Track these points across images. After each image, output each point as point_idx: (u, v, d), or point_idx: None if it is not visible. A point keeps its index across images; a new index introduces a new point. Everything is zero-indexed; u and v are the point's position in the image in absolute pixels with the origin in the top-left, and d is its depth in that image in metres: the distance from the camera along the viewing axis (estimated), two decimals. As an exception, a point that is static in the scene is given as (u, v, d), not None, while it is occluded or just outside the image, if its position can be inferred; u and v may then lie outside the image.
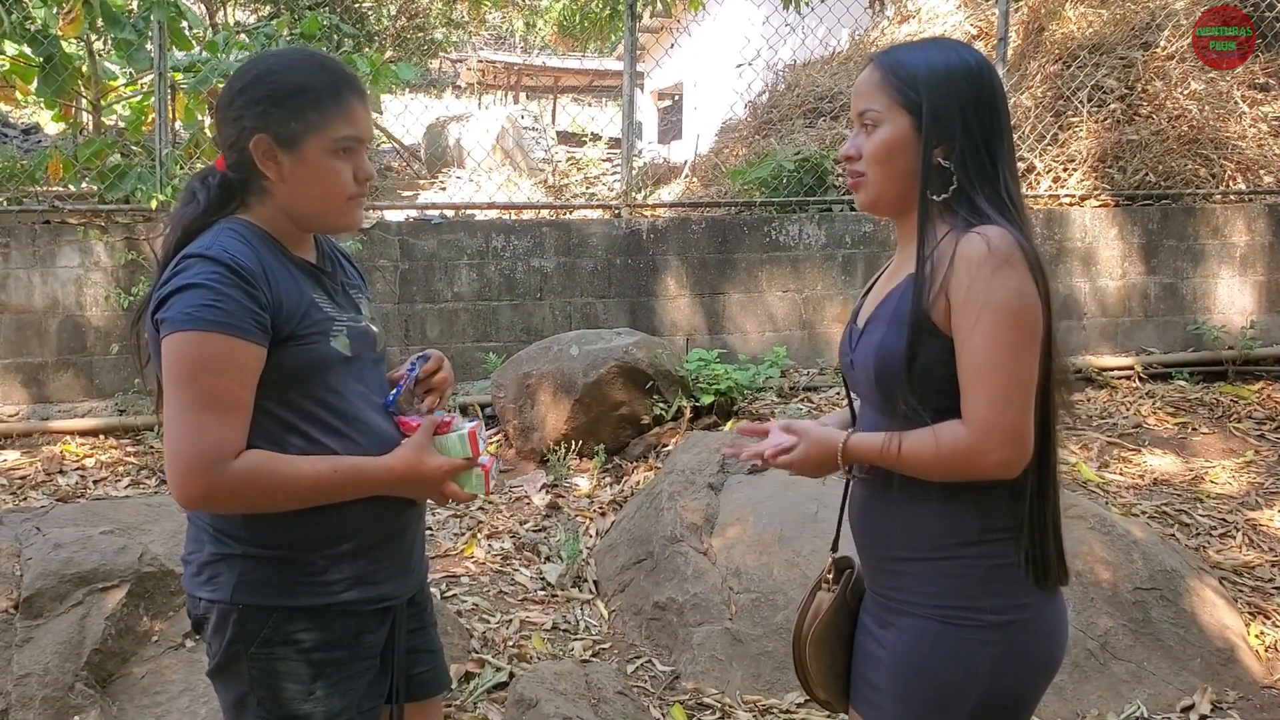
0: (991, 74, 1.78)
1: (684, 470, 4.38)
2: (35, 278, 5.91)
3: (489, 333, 6.50)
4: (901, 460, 1.71)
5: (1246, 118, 7.79)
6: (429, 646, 2.07)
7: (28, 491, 4.99)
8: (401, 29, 15.04)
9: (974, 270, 1.64)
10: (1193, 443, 5.74)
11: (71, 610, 3.13)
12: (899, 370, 1.72)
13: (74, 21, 6.22)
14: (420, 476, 1.83)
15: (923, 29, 9.07)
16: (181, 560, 1.93)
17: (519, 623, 3.91)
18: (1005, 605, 1.72)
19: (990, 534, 1.73)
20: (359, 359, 1.87)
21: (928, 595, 1.76)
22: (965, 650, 1.72)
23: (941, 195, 1.73)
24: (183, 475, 1.69)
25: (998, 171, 1.74)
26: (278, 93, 1.79)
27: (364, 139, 1.85)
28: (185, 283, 1.71)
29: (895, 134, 1.75)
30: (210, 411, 1.68)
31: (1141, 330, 7.21)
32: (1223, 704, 3.55)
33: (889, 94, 1.76)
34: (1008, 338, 1.63)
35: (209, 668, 1.86)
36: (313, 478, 1.75)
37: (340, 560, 1.83)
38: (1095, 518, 4.02)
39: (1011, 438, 1.64)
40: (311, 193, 1.82)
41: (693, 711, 3.47)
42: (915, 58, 1.77)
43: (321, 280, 1.89)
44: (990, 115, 1.75)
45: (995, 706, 1.74)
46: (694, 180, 9.00)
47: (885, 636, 1.82)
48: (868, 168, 1.79)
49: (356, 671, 1.87)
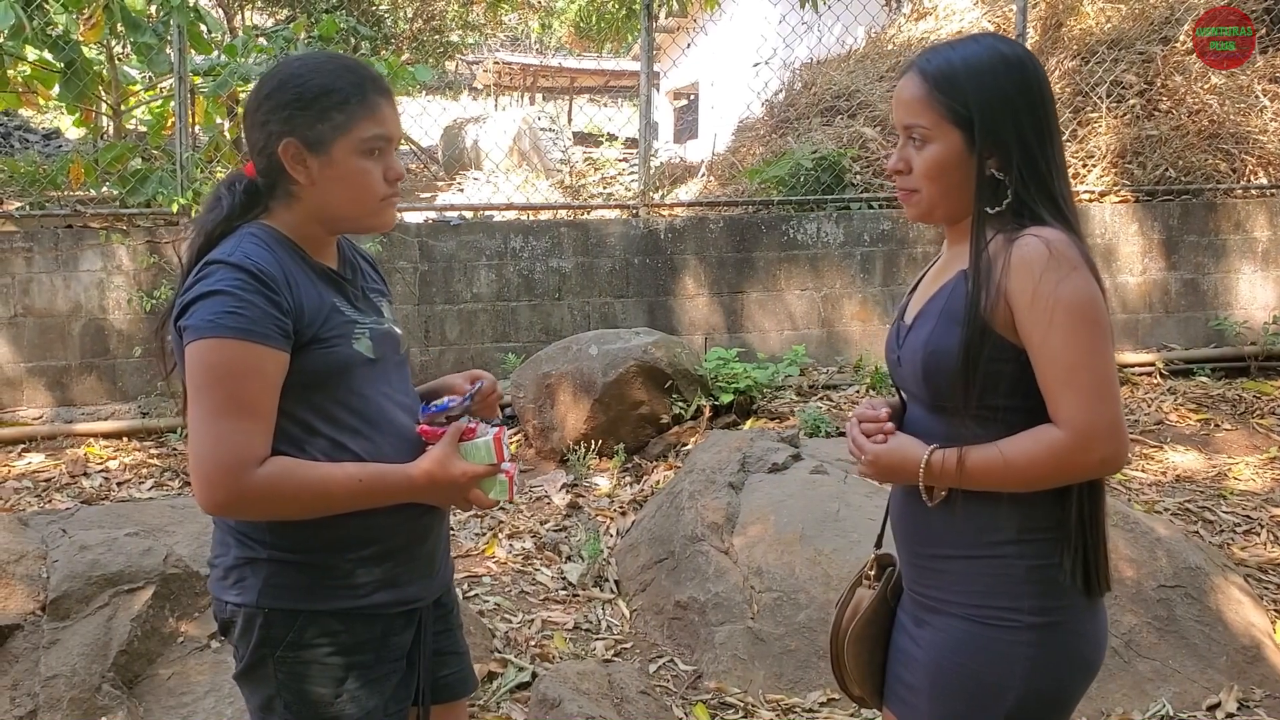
0: (1037, 69, 1.73)
1: (704, 469, 4.37)
2: (58, 281, 5.96)
3: (508, 333, 6.51)
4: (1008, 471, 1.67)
5: (1268, 111, 7.73)
6: (456, 649, 2.07)
7: (53, 494, 5.03)
8: (418, 31, 15.08)
9: (1038, 273, 1.62)
10: (1215, 439, 5.70)
11: (98, 612, 3.15)
12: (948, 366, 1.70)
13: (94, 27, 6.26)
14: (445, 483, 1.82)
15: (939, 26, 9.03)
16: (208, 564, 1.93)
17: (541, 622, 3.92)
18: (1044, 607, 1.70)
19: (1030, 533, 1.71)
20: (382, 361, 1.87)
21: (965, 595, 1.74)
22: (1002, 652, 1.71)
23: (997, 208, 1.71)
24: (207, 482, 1.69)
25: (1051, 173, 1.71)
26: (303, 96, 1.79)
27: (392, 138, 1.84)
28: (208, 289, 1.71)
29: (947, 151, 1.72)
30: (234, 418, 1.69)
31: (1163, 326, 7.16)
32: (1249, 702, 3.52)
33: (937, 109, 1.72)
34: (1087, 337, 1.62)
35: (236, 670, 1.87)
36: (337, 485, 1.75)
37: (365, 564, 1.83)
38: (1118, 515, 4.00)
39: (1112, 434, 1.63)
40: (343, 195, 1.82)
41: (715, 711, 3.47)
42: (960, 65, 1.72)
43: (342, 285, 1.89)
44: (1041, 116, 1.71)
45: (1032, 709, 1.72)
46: (711, 179, 8.99)
47: (922, 635, 1.81)
48: (920, 184, 1.76)
49: (383, 674, 1.87)
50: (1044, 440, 1.65)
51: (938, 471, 1.72)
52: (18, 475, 5.23)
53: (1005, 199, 1.70)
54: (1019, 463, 1.66)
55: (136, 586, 3.22)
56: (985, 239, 1.70)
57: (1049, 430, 1.65)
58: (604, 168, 10.78)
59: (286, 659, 1.80)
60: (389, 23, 14.28)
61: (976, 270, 1.69)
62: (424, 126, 12.42)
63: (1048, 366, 1.64)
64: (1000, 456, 1.67)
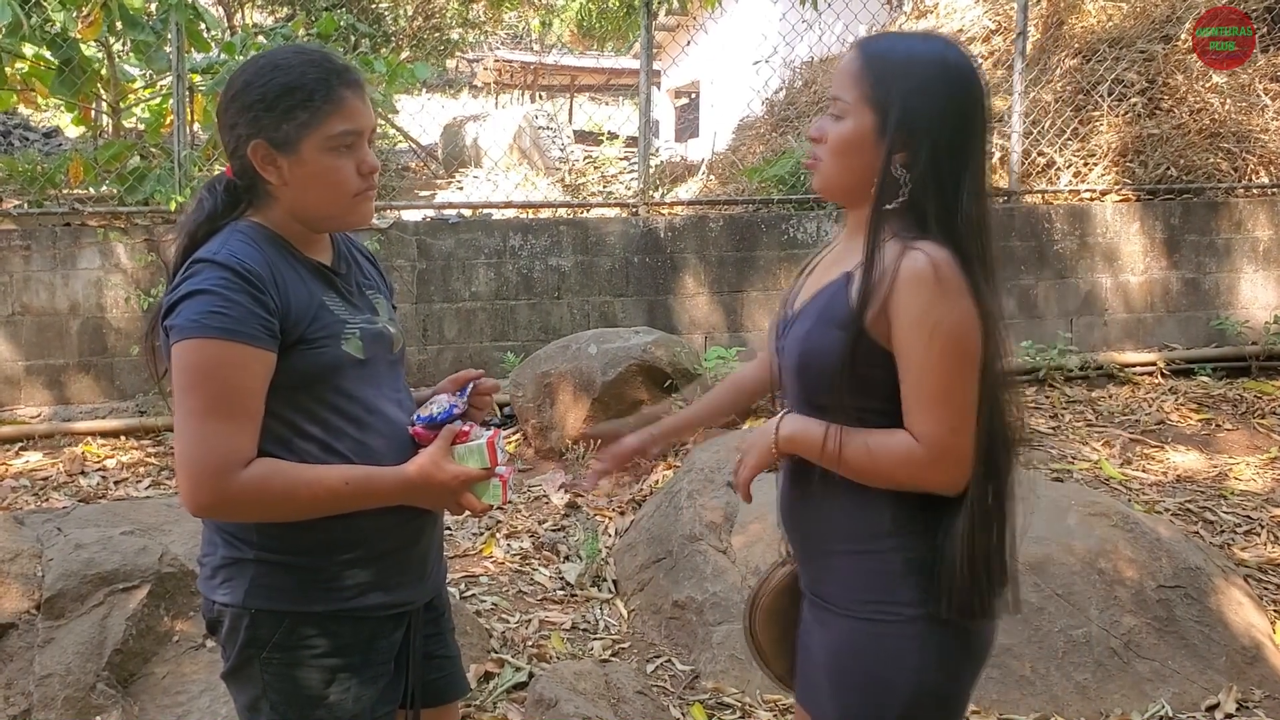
0: (976, 88, 1.71)
1: (703, 469, 4.36)
2: (56, 280, 5.95)
3: (507, 332, 6.50)
4: (843, 459, 1.71)
5: (1269, 110, 7.72)
6: (446, 652, 2.05)
7: (50, 492, 5.02)
8: (418, 29, 15.06)
9: (921, 291, 1.64)
10: (1216, 439, 5.69)
11: (93, 611, 3.14)
12: (819, 366, 1.73)
13: (93, 24, 6.25)
14: (436, 487, 1.80)
15: (940, 25, 9.02)
16: (197, 562, 1.92)
17: (538, 622, 3.91)
18: (926, 598, 1.71)
19: (905, 525, 1.73)
20: (372, 361, 1.85)
21: (850, 591, 1.77)
22: (890, 647, 1.73)
23: (891, 205, 1.70)
24: (192, 483, 1.67)
25: (958, 190, 1.68)
26: (267, 96, 1.76)
27: (362, 131, 1.81)
28: (192, 289, 1.70)
29: (858, 131, 1.71)
30: (219, 419, 1.67)
31: (1164, 326, 7.15)
32: (1249, 702, 3.51)
33: (861, 88, 1.71)
34: (958, 364, 1.65)
35: (223, 670, 1.86)
36: (324, 488, 1.73)
37: (353, 566, 1.81)
38: (1118, 515, 3.99)
39: (960, 460, 1.67)
40: (315, 193, 1.80)
41: (713, 711, 3.46)
42: (899, 54, 1.73)
43: (334, 281, 1.87)
44: (963, 133, 1.69)
45: (928, 700, 1.74)
46: (711, 178, 8.98)
47: (818, 634, 1.84)
48: (825, 155, 1.77)
49: (370, 677, 1.86)
50: (903, 445, 1.68)
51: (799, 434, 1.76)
52: (15, 474, 5.22)
53: (900, 198, 1.69)
54: (866, 455, 1.70)
55: (132, 585, 3.21)
56: (881, 240, 1.70)
57: (906, 439, 1.68)
58: (604, 166, 10.77)
59: (273, 660, 1.79)
60: (389, 20, 14.26)
61: (868, 275, 1.69)
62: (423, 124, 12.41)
63: (916, 384, 1.67)
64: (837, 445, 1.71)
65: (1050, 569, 3.70)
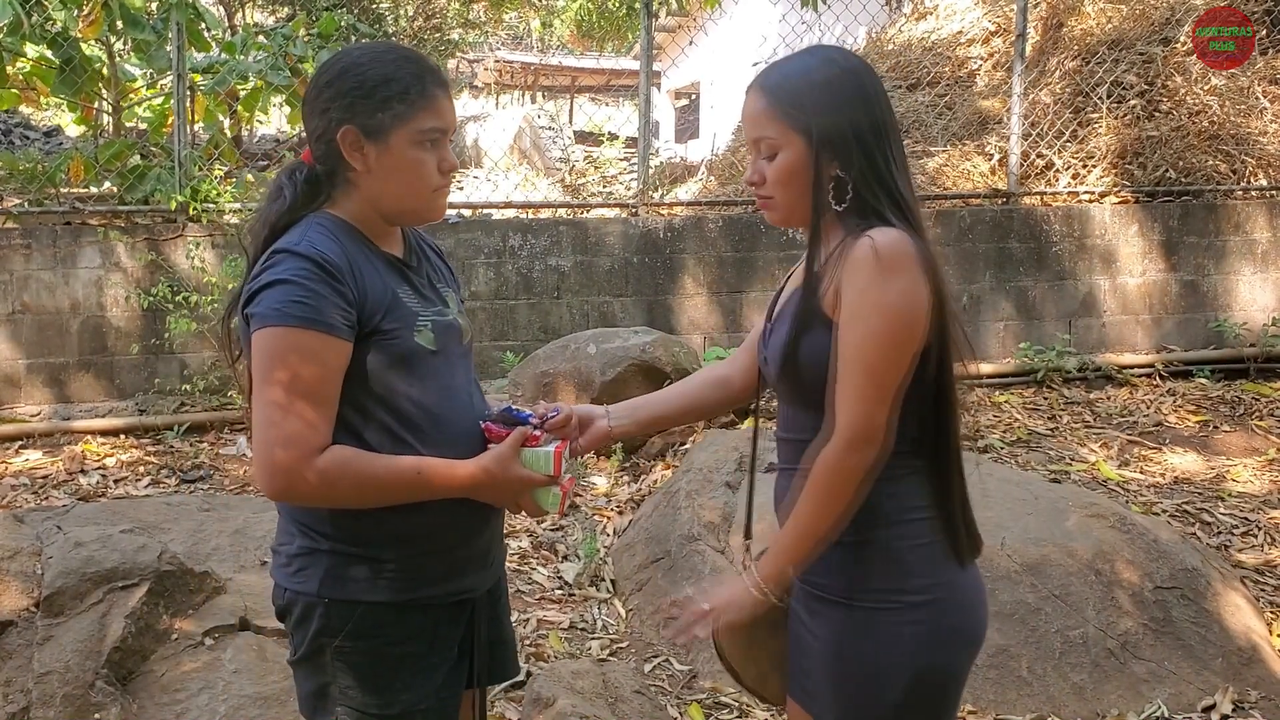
0: (869, 74, 1.84)
1: (701, 469, 4.37)
2: (57, 278, 5.95)
3: (506, 331, 6.51)
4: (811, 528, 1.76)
5: (1268, 113, 7.73)
6: (502, 637, 2.11)
7: (50, 491, 5.03)
8: (419, 29, 15.05)
9: (862, 271, 1.71)
10: (1214, 441, 5.70)
11: (92, 609, 3.14)
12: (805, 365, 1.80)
13: (93, 23, 6.25)
14: (501, 484, 1.85)
15: (940, 26, 9.02)
16: (271, 550, 1.97)
17: (536, 621, 3.92)
18: (923, 585, 1.78)
19: (902, 514, 1.79)
20: (444, 353, 1.89)
21: (848, 580, 1.81)
22: (889, 634, 1.78)
23: (843, 205, 1.79)
24: (269, 468, 1.72)
25: (891, 175, 1.80)
26: (364, 85, 1.81)
27: (448, 130, 1.88)
28: (274, 278, 1.74)
29: (794, 158, 1.81)
30: (297, 406, 1.71)
31: (1162, 328, 7.16)
32: (1244, 704, 3.52)
33: (780, 120, 1.81)
34: (879, 341, 1.70)
35: (291, 657, 1.91)
36: (395, 476, 1.78)
37: (423, 557, 1.86)
38: (1116, 516, 4.00)
39: (874, 439, 1.72)
40: (397, 184, 1.85)
41: (710, 711, 3.46)
42: (796, 76, 1.83)
43: (407, 274, 1.91)
44: (876, 115, 1.80)
45: (926, 686, 1.79)
46: (711, 179, 8.98)
47: (814, 625, 1.87)
48: (774, 191, 1.87)
49: (434, 663, 1.90)
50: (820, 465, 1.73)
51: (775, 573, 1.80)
52: (15, 472, 5.23)
53: (848, 195, 1.79)
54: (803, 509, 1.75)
55: (131, 583, 3.21)
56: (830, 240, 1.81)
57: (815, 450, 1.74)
58: (604, 167, 10.77)
59: (344, 648, 1.84)
60: (390, 20, 14.26)
61: (810, 269, 1.80)
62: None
63: (839, 355, 1.73)
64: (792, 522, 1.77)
65: (1048, 570, 3.71)
